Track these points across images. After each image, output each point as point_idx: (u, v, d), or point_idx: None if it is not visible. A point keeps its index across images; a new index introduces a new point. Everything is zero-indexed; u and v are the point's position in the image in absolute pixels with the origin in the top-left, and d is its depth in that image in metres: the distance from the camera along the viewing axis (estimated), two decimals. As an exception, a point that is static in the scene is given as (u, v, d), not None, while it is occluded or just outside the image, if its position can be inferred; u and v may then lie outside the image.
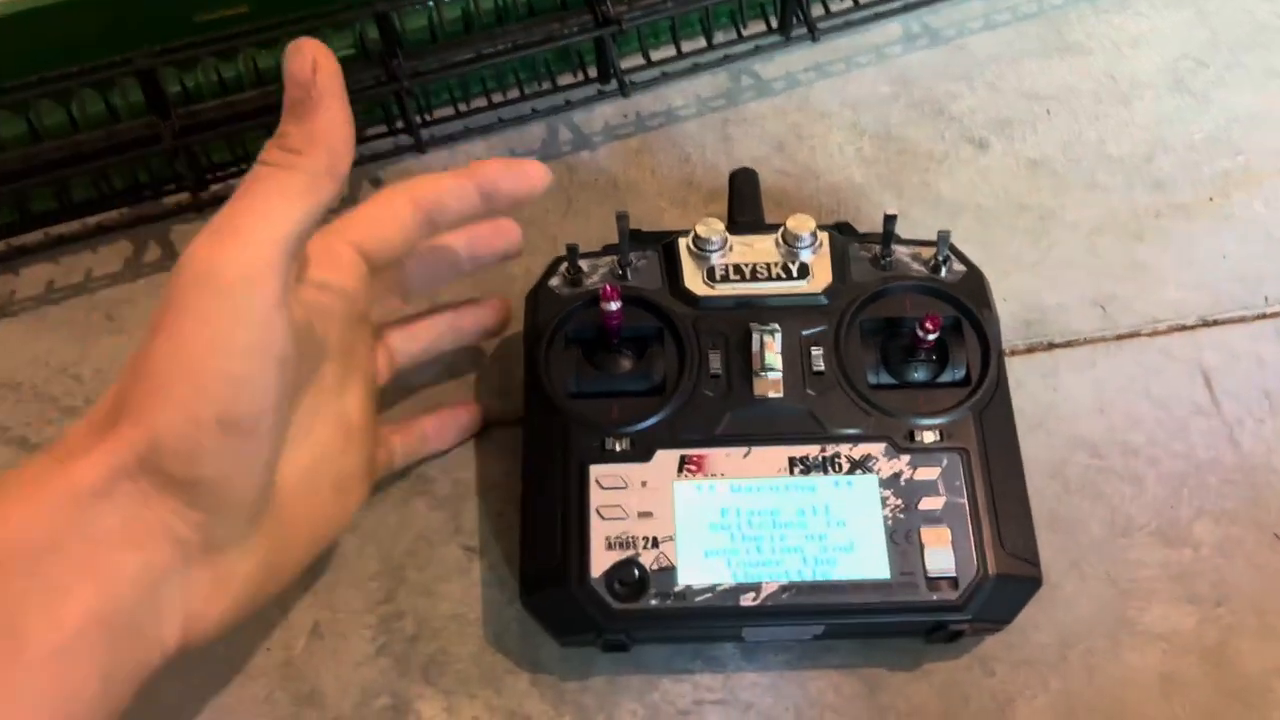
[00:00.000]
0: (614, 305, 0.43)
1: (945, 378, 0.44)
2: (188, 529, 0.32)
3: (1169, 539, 0.46)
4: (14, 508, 0.30)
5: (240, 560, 0.35)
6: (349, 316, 0.40)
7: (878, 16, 0.61)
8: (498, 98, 0.58)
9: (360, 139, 0.56)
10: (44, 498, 0.30)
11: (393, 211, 0.40)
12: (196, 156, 0.53)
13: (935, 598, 0.39)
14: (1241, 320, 0.52)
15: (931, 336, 0.42)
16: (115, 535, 0.31)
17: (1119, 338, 0.52)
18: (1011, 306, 0.53)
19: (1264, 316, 0.52)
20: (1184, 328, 0.52)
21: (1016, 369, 0.51)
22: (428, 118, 0.57)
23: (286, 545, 0.37)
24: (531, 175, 0.42)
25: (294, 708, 0.43)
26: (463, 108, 0.58)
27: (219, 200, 0.55)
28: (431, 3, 0.54)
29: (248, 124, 0.52)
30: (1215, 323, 0.52)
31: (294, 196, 0.32)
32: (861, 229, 0.50)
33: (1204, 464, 0.48)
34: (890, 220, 0.45)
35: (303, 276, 0.37)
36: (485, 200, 0.41)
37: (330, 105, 0.33)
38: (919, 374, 0.44)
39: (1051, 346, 0.52)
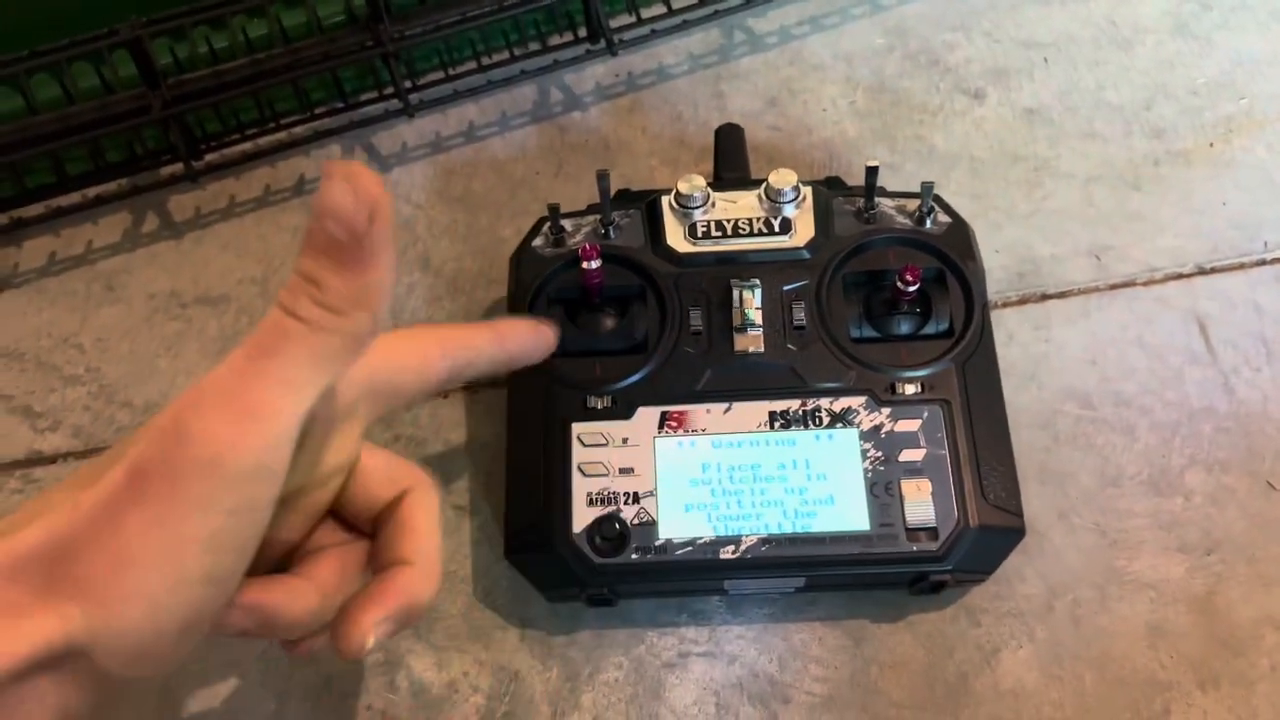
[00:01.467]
0: (594, 264, 0.43)
1: (928, 330, 0.44)
2: (82, 710, 0.28)
3: (1160, 488, 0.46)
4: None
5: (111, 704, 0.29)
6: (310, 463, 0.32)
7: (871, -33, 0.60)
8: (486, 60, 0.58)
9: (350, 105, 0.57)
10: None
11: (422, 358, 0.34)
12: (189, 127, 0.54)
13: (915, 549, 0.40)
14: (1240, 267, 0.51)
15: (912, 288, 0.42)
16: (12, 706, 0.26)
17: (1113, 287, 0.51)
18: (1004, 258, 0.52)
19: (1263, 263, 0.51)
20: (1180, 276, 0.51)
21: (1008, 320, 0.50)
22: (417, 82, 0.57)
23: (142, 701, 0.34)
24: (547, 337, 0.40)
25: (289, 664, 0.44)
26: (452, 71, 0.58)
27: (212, 169, 0.56)
28: (416, -34, 0.54)
29: (237, 92, 0.52)
30: (1213, 270, 0.51)
31: (325, 363, 0.26)
32: (852, 183, 0.50)
33: (1197, 413, 0.47)
34: (872, 172, 0.45)
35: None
36: (505, 358, 0.39)
37: (384, 260, 0.26)
38: (902, 327, 0.44)
39: (1044, 297, 0.51)
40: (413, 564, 0.32)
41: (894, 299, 0.43)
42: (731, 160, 0.50)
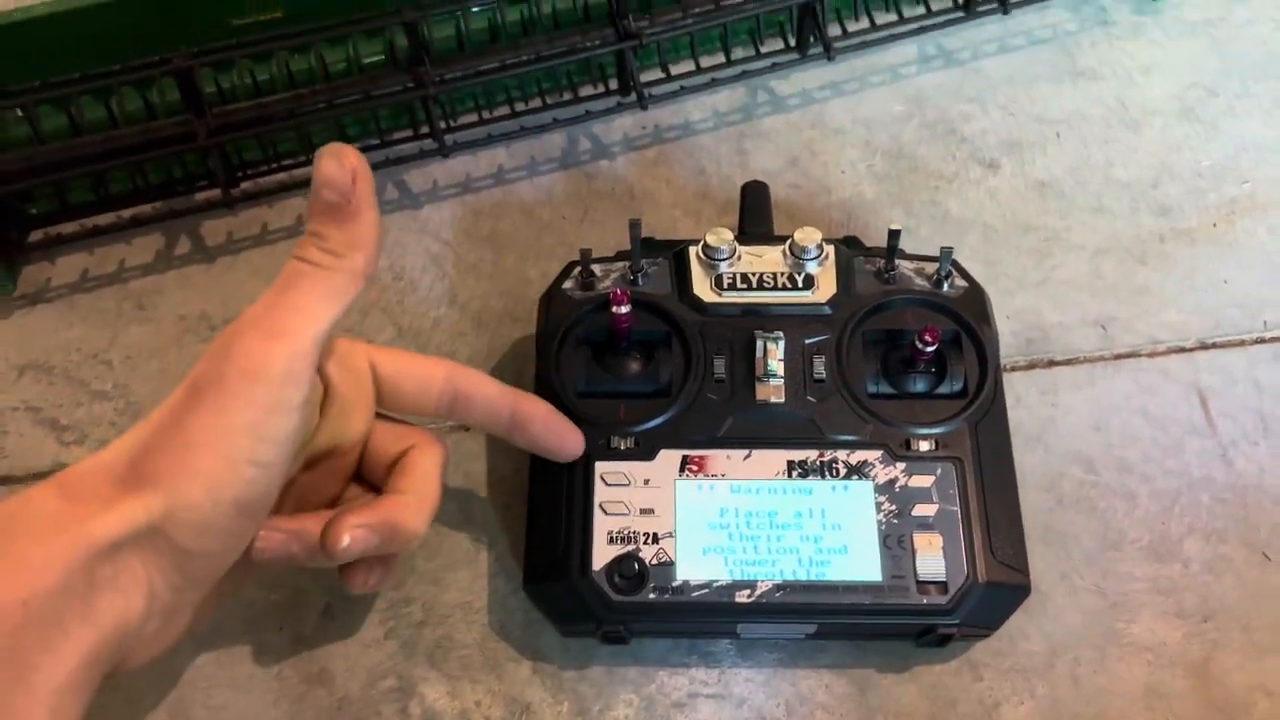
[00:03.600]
0: (624, 309, 0.44)
1: (943, 389, 0.45)
2: (164, 589, 0.34)
3: (1159, 554, 0.47)
4: (35, 549, 0.31)
5: (182, 618, 0.36)
6: (337, 419, 0.39)
7: (893, 38, 0.63)
8: (520, 105, 0.60)
9: (386, 142, 0.58)
10: (62, 544, 0.31)
11: (425, 379, 0.41)
12: (228, 155, 0.55)
13: (925, 601, 0.41)
14: (1240, 344, 0.53)
15: (930, 349, 0.44)
16: (110, 583, 0.32)
17: (1118, 357, 0.53)
18: (1014, 324, 0.54)
19: (1262, 341, 0.53)
20: (1183, 350, 0.53)
21: (1016, 384, 0.52)
22: (452, 123, 0.59)
23: (206, 606, 0.38)
24: (568, 446, 0.43)
25: (303, 686, 0.44)
26: (486, 114, 0.59)
27: (248, 197, 0.58)
28: (459, 13, 0.56)
29: (280, 125, 0.54)
30: (1214, 345, 0.53)
31: (332, 295, 0.34)
32: (870, 244, 0.52)
33: (1197, 482, 0.49)
34: (894, 235, 0.46)
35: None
36: (510, 429, 0.42)
37: (368, 213, 0.35)
38: (918, 385, 0.46)
39: (1052, 364, 0.53)
40: (404, 493, 0.39)
41: (911, 358, 0.45)
42: (757, 216, 0.51)
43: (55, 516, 0.32)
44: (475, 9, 0.56)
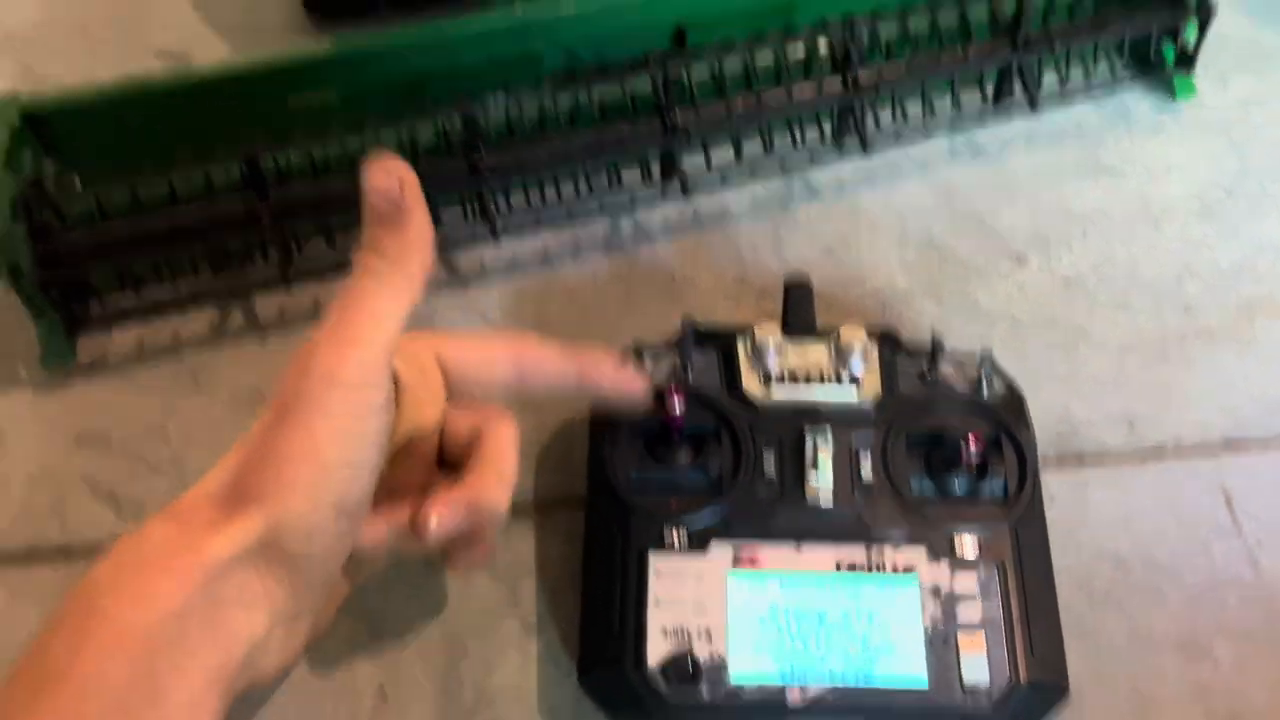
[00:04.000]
0: (678, 407, 0.46)
1: (985, 491, 0.47)
2: (284, 597, 0.36)
3: (1188, 654, 0.49)
4: (160, 579, 0.33)
5: (304, 624, 0.39)
6: (412, 413, 0.41)
7: (928, 133, 0.65)
8: (565, 185, 0.61)
9: (437, 221, 0.60)
10: (181, 568, 0.33)
11: (489, 361, 0.42)
12: (286, 234, 0.57)
13: (969, 704, 0.42)
14: (1263, 444, 0.55)
15: (975, 455, 0.45)
16: (232, 601, 0.34)
17: (1145, 455, 0.55)
18: (1043, 417, 0.55)
19: (1284, 442, 0.55)
20: (1207, 448, 0.55)
21: (1049, 481, 0.53)
22: (500, 206, 0.61)
23: (326, 610, 0.41)
24: (634, 391, 0.44)
25: (357, 767, 0.45)
26: (533, 194, 0.61)
27: (303, 274, 0.59)
28: (511, 100, 0.58)
29: (337, 207, 0.56)
30: (1238, 444, 0.55)
31: (396, 299, 0.36)
32: (904, 333, 0.54)
33: (1224, 583, 0.51)
34: (937, 344, 0.48)
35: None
36: (579, 387, 0.44)
37: (419, 217, 0.37)
38: (961, 486, 0.47)
39: (1081, 460, 0.54)
40: (481, 472, 0.40)
41: (955, 459, 0.47)
42: (800, 311, 0.53)
43: (172, 543, 0.34)
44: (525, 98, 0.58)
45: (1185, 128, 0.68)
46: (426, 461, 0.43)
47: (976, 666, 0.42)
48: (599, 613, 0.44)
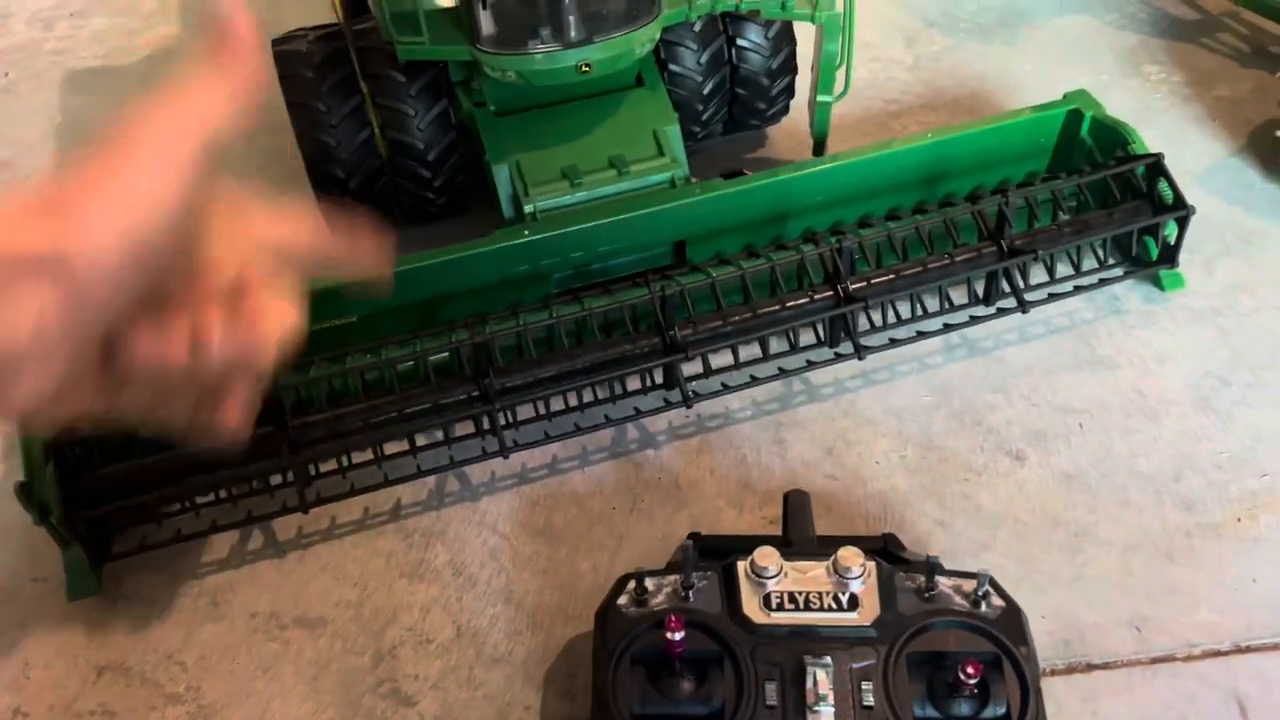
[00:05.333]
0: (678, 635, 0.46)
1: (987, 714, 0.47)
2: (53, 323, 0.34)
3: None
4: None
5: (58, 365, 0.35)
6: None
7: (920, 335, 0.67)
8: (577, 400, 0.64)
9: (449, 440, 0.62)
10: None
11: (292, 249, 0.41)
12: (304, 462, 0.59)
13: None
14: (1275, 648, 0.55)
15: (973, 681, 0.46)
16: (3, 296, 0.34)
17: (1154, 661, 0.54)
18: (1050, 624, 0.56)
19: (1296, 644, 0.55)
20: (1218, 653, 0.55)
21: (1057, 690, 0.53)
22: (510, 418, 0.63)
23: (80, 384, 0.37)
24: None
25: None
26: (542, 407, 0.63)
27: (321, 500, 0.61)
28: (519, 327, 0.61)
29: (355, 438, 0.58)
30: (1248, 649, 0.55)
31: (224, 93, 0.37)
32: (905, 537, 0.55)
33: (1243, 800, 0.50)
34: (932, 564, 0.49)
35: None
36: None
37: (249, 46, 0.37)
38: (963, 709, 0.47)
39: (1089, 668, 0.54)
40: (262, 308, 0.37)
41: (955, 684, 0.47)
42: (799, 524, 0.54)
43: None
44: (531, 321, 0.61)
45: (1176, 317, 0.70)
46: (199, 294, 0.39)
47: None
48: None
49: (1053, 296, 0.69)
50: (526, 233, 0.65)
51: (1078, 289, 0.69)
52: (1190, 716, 0.52)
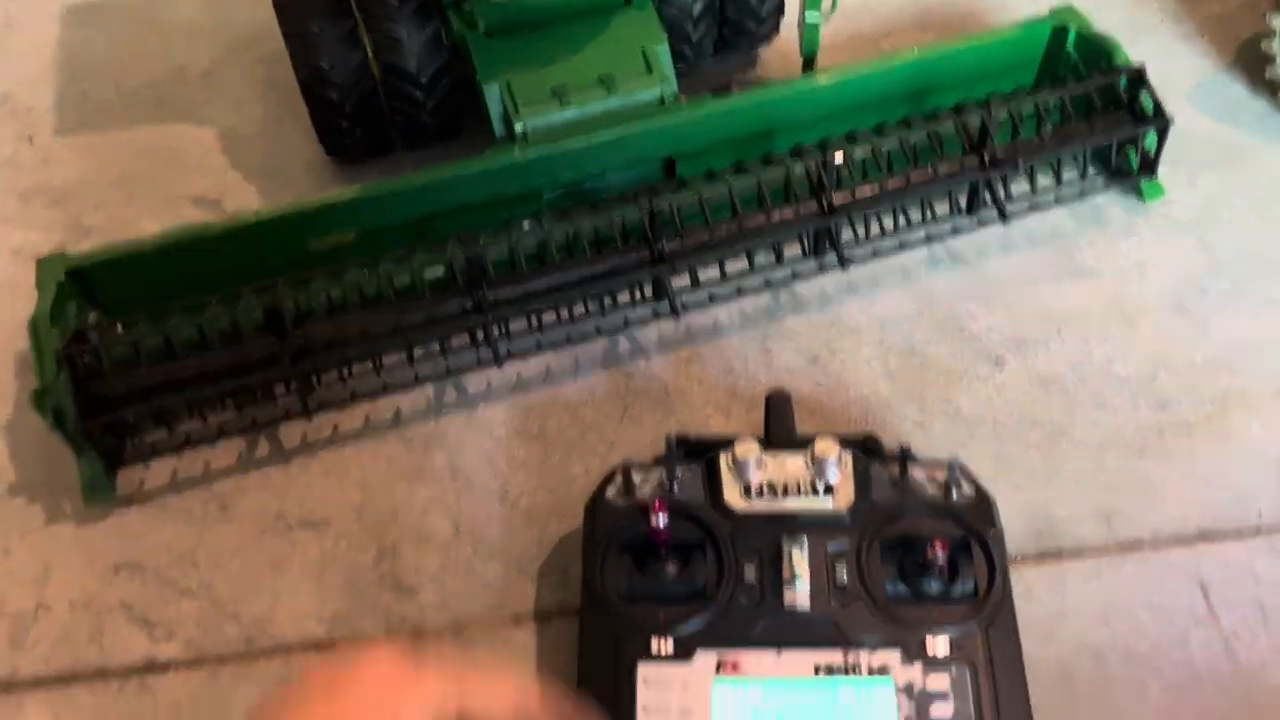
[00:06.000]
0: (663, 521, 0.49)
1: (956, 591, 0.49)
2: None
3: (1169, 747, 0.50)
4: None
5: None
6: None
7: (903, 246, 0.69)
8: (564, 310, 0.66)
9: (446, 350, 0.64)
10: None
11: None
12: (305, 371, 0.62)
13: (944, 802, 0.44)
14: (1238, 535, 0.57)
15: (940, 558, 0.48)
16: None
17: (1123, 549, 0.57)
18: (1023, 517, 0.58)
19: (1259, 532, 0.57)
20: (1183, 541, 0.57)
21: (1027, 577, 0.56)
22: (505, 329, 0.65)
23: None
24: None
25: None
26: (535, 319, 0.65)
27: (323, 406, 0.64)
28: (511, 239, 0.63)
29: (354, 348, 0.60)
30: (1213, 537, 0.57)
31: None
32: (886, 439, 0.57)
33: (1203, 675, 0.52)
34: (905, 453, 0.51)
35: None
36: None
37: None
38: (933, 587, 0.50)
39: (1060, 556, 0.57)
40: None
41: (925, 564, 0.49)
42: (780, 424, 0.56)
43: None
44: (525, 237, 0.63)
45: (1156, 227, 0.71)
46: None
47: (950, 765, 0.44)
48: (592, 723, 0.47)
49: (1034, 208, 0.70)
50: (517, 150, 0.67)
51: (1059, 200, 0.70)
52: (1155, 598, 0.55)
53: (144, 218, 0.75)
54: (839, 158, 0.64)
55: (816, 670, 0.47)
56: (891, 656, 0.47)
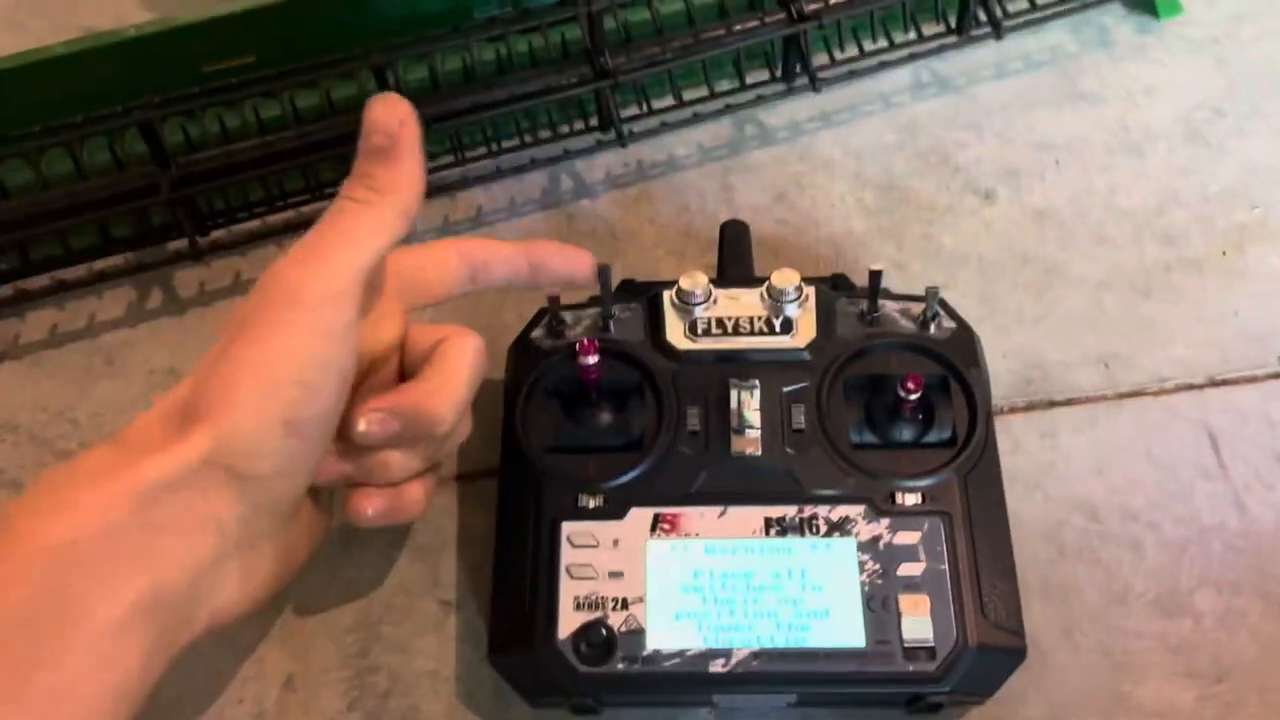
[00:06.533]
0: (591, 359, 0.42)
1: (930, 438, 0.43)
2: (232, 522, 0.35)
3: (1168, 609, 0.44)
4: (85, 494, 0.32)
5: (266, 556, 0.37)
6: (372, 335, 0.41)
7: (883, 66, 0.60)
8: (497, 146, 0.58)
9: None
10: (114, 487, 0.32)
11: (440, 260, 0.43)
12: (196, 205, 0.54)
13: (912, 668, 0.38)
14: (1252, 380, 0.50)
15: (913, 397, 0.41)
16: (170, 524, 0.33)
17: (1122, 396, 0.50)
18: (1011, 363, 0.51)
19: (1276, 376, 0.50)
20: (1191, 387, 0.50)
21: (1014, 427, 0.49)
22: (428, 165, 0.57)
23: (297, 544, 0.39)
24: (580, 262, 0.45)
25: (263, 758, 0.42)
26: (463, 156, 0.58)
27: (217, 248, 0.56)
28: (430, 54, 0.54)
29: (245, 174, 0.53)
30: (1224, 382, 0.50)
31: (376, 229, 0.36)
32: (859, 282, 0.50)
33: (1208, 530, 0.46)
34: (876, 276, 0.44)
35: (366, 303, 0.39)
36: (532, 274, 0.44)
37: (413, 157, 0.37)
38: (904, 434, 0.43)
39: (1051, 404, 0.50)
40: (425, 376, 0.39)
41: (895, 405, 0.43)
42: (735, 257, 0.49)
43: (108, 465, 0.33)
44: (447, 50, 0.55)
45: (1170, 48, 0.63)
46: (387, 383, 0.41)
47: (919, 627, 0.38)
48: (509, 589, 0.41)
49: (1031, 24, 0.62)
50: (439, -44, 0.58)
51: (1059, 13, 0.62)
52: (1157, 449, 0.48)
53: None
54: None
55: (767, 527, 0.41)
56: (854, 510, 0.41)
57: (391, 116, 0.37)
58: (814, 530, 0.41)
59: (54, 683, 0.30)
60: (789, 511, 0.41)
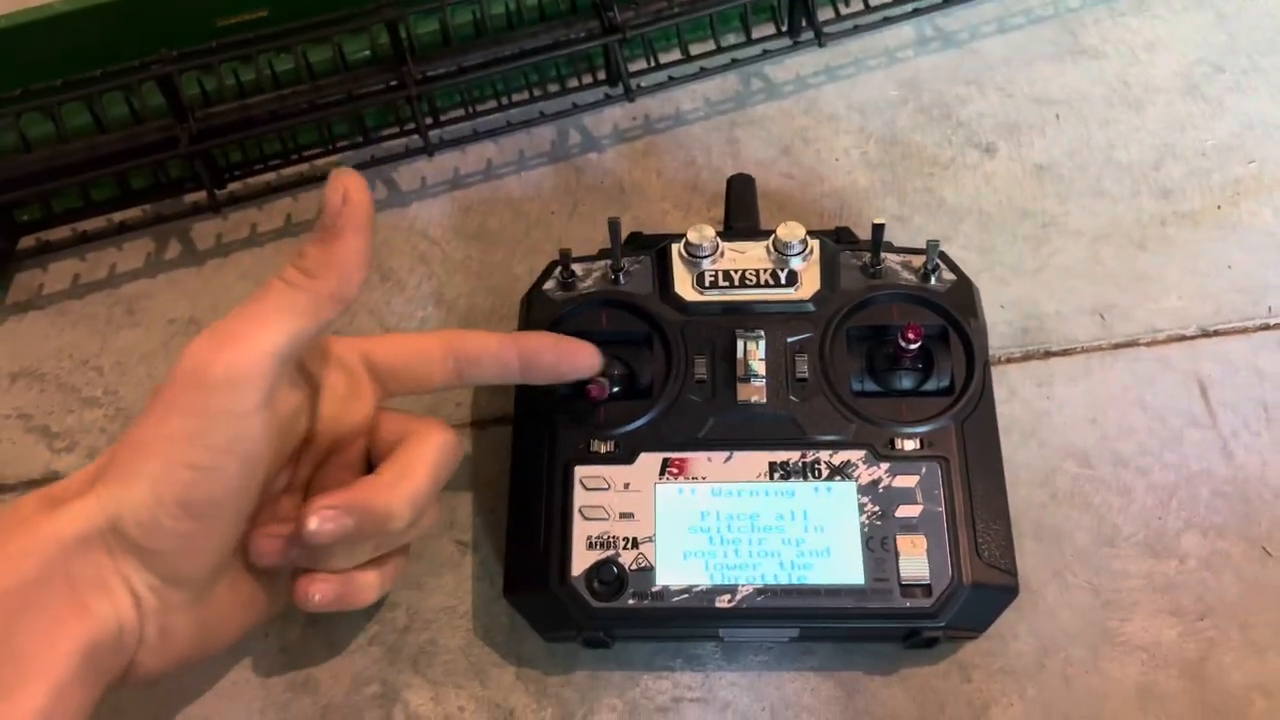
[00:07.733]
0: (603, 393, 0.44)
1: (929, 386, 0.45)
2: (142, 588, 0.35)
3: (1155, 550, 0.46)
4: (11, 544, 0.33)
5: (184, 627, 0.36)
6: (331, 417, 0.40)
7: (887, 21, 0.61)
8: (506, 100, 0.59)
9: (372, 140, 0.58)
10: (35, 537, 0.33)
11: (424, 353, 0.41)
12: (213, 158, 0.55)
13: (908, 605, 0.40)
14: (1243, 331, 0.52)
15: (913, 346, 0.43)
16: (91, 581, 0.34)
17: (1116, 346, 0.52)
18: (1009, 314, 0.53)
19: (1266, 328, 0.52)
20: (1183, 338, 0.52)
21: (1011, 377, 0.51)
22: (439, 118, 0.58)
23: (223, 620, 0.39)
24: (580, 361, 0.43)
25: (288, 693, 0.44)
26: (473, 110, 0.59)
27: (235, 199, 0.57)
28: (441, 8, 0.55)
29: (262, 129, 0.54)
30: (1215, 333, 0.52)
31: (295, 313, 0.35)
32: (862, 234, 0.51)
33: (1195, 476, 0.48)
34: (878, 229, 0.45)
35: (294, 379, 0.38)
36: (524, 372, 0.42)
37: (351, 238, 0.36)
38: (903, 382, 0.45)
39: (1047, 355, 0.52)
40: (381, 472, 0.38)
41: (896, 355, 0.44)
42: (742, 210, 0.51)
43: (31, 517, 0.34)
44: (456, 3, 0.55)
45: (1171, 3, 0.64)
46: (352, 468, 0.41)
47: (915, 566, 0.40)
48: (524, 529, 0.43)
49: (1036, -23, 0.62)
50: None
51: (1064, -33, 0.63)
52: (1148, 397, 0.50)
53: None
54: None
55: (771, 471, 0.43)
56: (854, 455, 0.43)
57: (336, 194, 0.35)
58: (816, 474, 0.42)
59: None
60: (792, 456, 0.43)
